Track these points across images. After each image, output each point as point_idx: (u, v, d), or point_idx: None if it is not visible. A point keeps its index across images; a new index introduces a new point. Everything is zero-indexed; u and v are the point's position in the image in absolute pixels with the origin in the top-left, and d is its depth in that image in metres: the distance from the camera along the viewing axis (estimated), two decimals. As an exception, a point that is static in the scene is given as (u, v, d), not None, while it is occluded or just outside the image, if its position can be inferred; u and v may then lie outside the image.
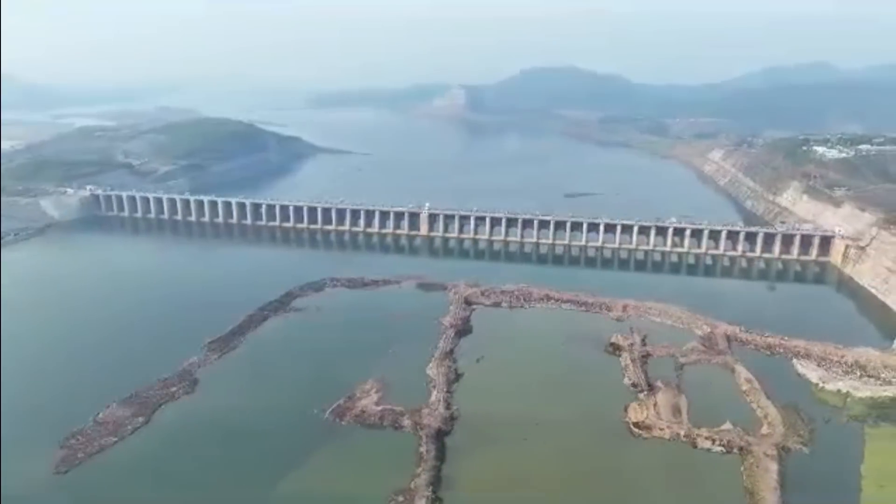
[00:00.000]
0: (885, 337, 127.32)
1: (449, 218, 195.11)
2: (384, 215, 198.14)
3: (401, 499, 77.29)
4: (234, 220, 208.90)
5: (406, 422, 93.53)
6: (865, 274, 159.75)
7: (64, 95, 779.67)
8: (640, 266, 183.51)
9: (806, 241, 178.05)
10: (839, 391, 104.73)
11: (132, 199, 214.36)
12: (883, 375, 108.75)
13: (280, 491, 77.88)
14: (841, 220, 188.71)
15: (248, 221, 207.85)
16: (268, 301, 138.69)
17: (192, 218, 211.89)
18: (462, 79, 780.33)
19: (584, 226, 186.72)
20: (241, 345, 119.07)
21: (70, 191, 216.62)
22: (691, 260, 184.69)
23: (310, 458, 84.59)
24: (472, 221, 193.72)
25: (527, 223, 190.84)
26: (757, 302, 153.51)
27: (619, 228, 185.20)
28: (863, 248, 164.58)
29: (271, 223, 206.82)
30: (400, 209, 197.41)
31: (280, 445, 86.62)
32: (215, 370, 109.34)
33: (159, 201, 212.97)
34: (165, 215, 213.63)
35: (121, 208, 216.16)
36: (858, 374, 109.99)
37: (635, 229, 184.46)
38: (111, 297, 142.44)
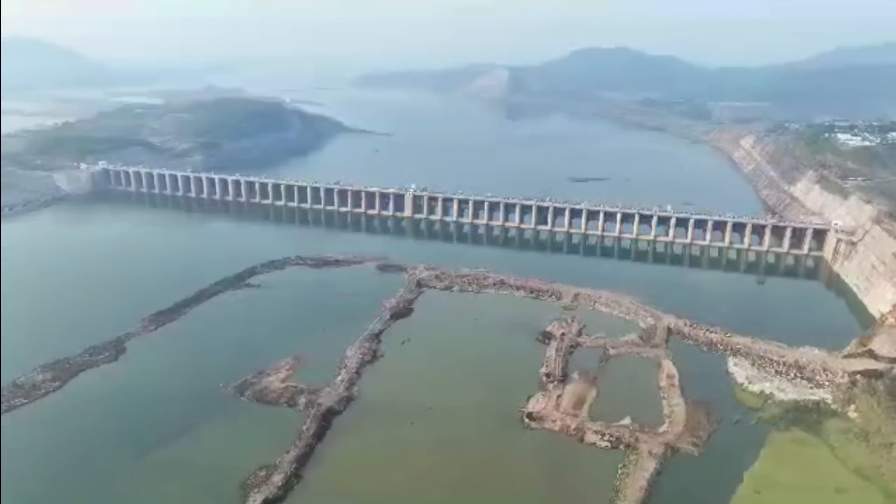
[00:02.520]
0: (845, 339, 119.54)
1: (433, 200, 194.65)
2: (370, 196, 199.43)
3: (262, 473, 79.20)
4: (230, 196, 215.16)
5: (302, 400, 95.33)
6: (852, 271, 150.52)
7: (127, 73, 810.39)
8: (624, 255, 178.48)
9: (798, 233, 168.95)
10: (762, 392, 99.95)
11: (138, 174, 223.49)
12: (817, 378, 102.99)
13: (150, 459, 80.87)
14: (845, 213, 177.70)
15: (243, 198, 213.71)
16: (227, 276, 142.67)
17: (192, 194, 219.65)
18: (512, 59, 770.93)
19: (567, 211, 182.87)
20: (180, 318, 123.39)
21: (84, 166, 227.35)
22: (678, 250, 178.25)
23: (193, 429, 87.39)
24: (455, 204, 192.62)
25: (509, 207, 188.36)
26: (731, 295, 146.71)
27: (601, 215, 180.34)
28: (853, 244, 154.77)
29: (264, 201, 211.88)
30: (385, 190, 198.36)
31: (172, 416, 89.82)
32: (146, 341, 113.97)
33: (162, 177, 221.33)
34: (168, 191, 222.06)
35: (128, 183, 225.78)
36: (792, 375, 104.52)
37: (618, 216, 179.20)
38: (80, 268, 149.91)
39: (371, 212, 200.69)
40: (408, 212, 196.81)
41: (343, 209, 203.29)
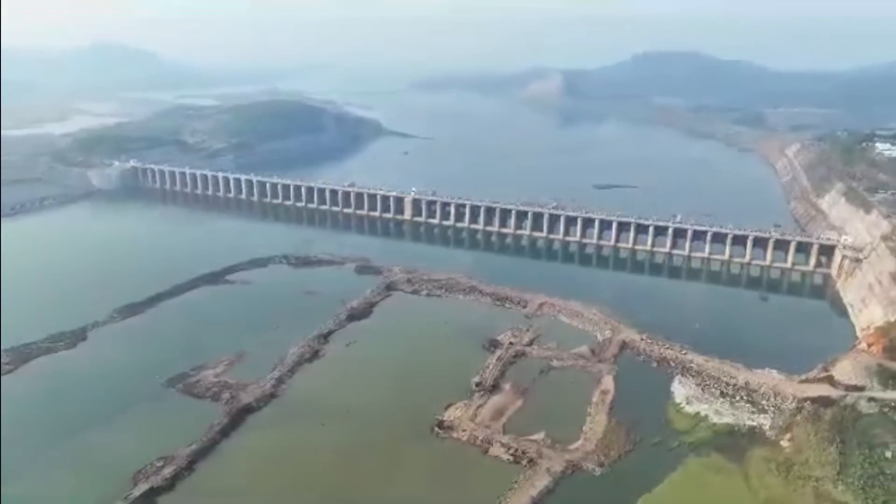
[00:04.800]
0: (819, 362, 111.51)
1: (432, 204, 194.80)
2: (371, 198, 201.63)
3: (159, 463, 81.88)
4: (244, 195, 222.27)
5: (225, 395, 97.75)
6: (852, 290, 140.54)
7: (201, 76, 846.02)
8: (620, 265, 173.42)
9: (804, 248, 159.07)
10: (697, 414, 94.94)
11: (163, 172, 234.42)
12: (763, 403, 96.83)
13: (61, 446, 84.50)
14: (864, 228, 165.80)
15: (255, 198, 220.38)
16: (208, 272, 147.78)
17: (210, 192, 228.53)
18: (574, 62, 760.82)
19: (562, 219, 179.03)
20: (148, 311, 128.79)
21: (116, 163, 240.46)
22: (678, 262, 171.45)
23: (114, 419, 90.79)
24: (454, 208, 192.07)
25: (505, 213, 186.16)
26: (714, 311, 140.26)
27: (596, 223, 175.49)
28: (858, 261, 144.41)
29: (275, 200, 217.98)
30: (386, 193, 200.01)
31: (99, 405, 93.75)
32: (108, 331, 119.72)
33: (184, 175, 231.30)
34: (189, 189, 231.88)
35: (154, 181, 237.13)
36: (738, 398, 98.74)
37: (614, 225, 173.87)
38: (78, 260, 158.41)
39: (373, 214, 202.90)
40: (407, 215, 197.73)
41: (347, 210, 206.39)
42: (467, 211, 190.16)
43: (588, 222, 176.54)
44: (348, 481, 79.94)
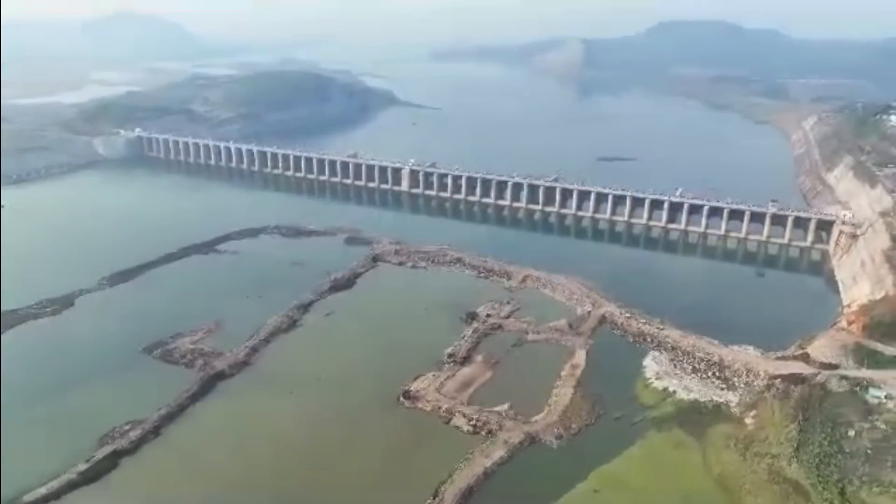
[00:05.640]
0: (797, 340, 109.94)
1: (429, 175, 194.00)
2: (370, 169, 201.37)
3: (127, 427, 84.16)
4: (245, 165, 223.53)
5: (199, 362, 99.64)
6: (846, 267, 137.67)
7: (220, 46, 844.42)
8: (615, 238, 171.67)
9: (802, 223, 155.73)
10: (665, 389, 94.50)
11: (167, 142, 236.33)
12: (734, 380, 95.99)
13: (36, 408, 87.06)
14: (867, 204, 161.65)
15: (256, 167, 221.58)
16: (200, 242, 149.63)
17: (212, 162, 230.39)
18: (595, 31, 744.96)
19: (558, 191, 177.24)
20: (136, 278, 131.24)
21: (122, 132, 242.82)
22: (674, 236, 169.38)
23: (90, 382, 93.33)
24: (451, 180, 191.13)
25: (501, 185, 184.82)
26: (704, 286, 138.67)
27: (592, 196, 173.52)
28: (854, 237, 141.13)
29: (275, 170, 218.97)
30: (383, 164, 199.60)
31: (77, 369, 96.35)
32: (96, 298, 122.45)
33: (186, 145, 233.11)
34: (191, 158, 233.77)
35: (158, 150, 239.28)
36: (710, 374, 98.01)
37: (609, 198, 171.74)
38: (74, 226, 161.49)
39: (371, 185, 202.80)
40: (405, 186, 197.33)
41: (346, 181, 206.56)
42: (464, 183, 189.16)
43: (584, 195, 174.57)
44: (307, 449, 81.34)
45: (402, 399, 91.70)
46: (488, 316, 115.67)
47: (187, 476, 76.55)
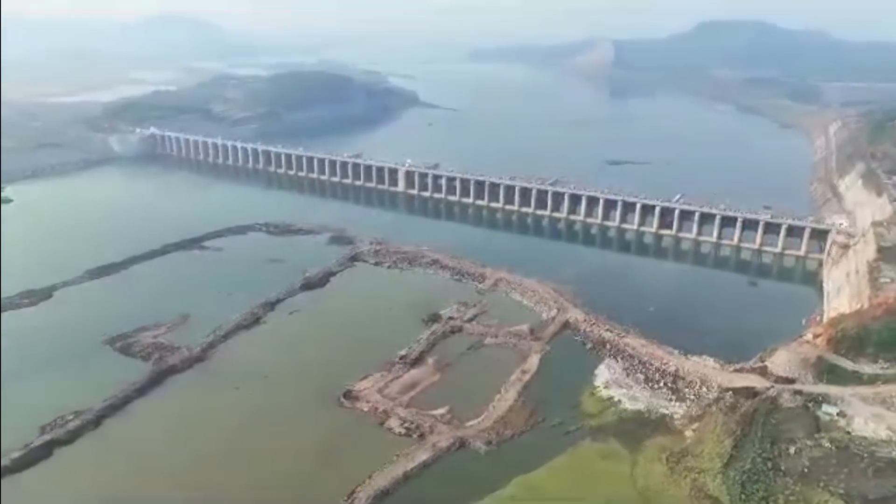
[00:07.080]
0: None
1: (424, 176, 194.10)
2: (367, 169, 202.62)
3: (70, 416, 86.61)
4: (250, 164, 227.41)
5: (155, 356, 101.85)
6: (834, 278, 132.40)
7: (256, 46, 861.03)
8: (606, 244, 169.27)
9: (796, 232, 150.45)
10: (610, 398, 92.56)
11: (178, 140, 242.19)
12: (686, 391, 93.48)
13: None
14: (870, 214, 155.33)
15: (261, 166, 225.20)
16: (187, 238, 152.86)
17: (220, 160, 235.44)
18: (631, 33, 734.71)
19: (549, 194, 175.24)
20: (117, 273, 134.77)
21: (138, 130, 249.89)
22: (667, 242, 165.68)
23: (45, 372, 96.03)
24: (445, 181, 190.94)
25: (493, 187, 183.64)
26: (681, 294, 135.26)
27: (583, 200, 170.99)
28: (846, 247, 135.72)
29: (279, 170, 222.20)
30: (380, 164, 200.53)
31: (36, 359, 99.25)
32: (74, 291, 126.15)
33: (197, 143, 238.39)
34: (201, 156, 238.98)
35: (171, 148, 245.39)
36: (662, 385, 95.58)
37: (601, 202, 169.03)
38: (73, 221, 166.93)
39: (369, 185, 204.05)
40: (401, 187, 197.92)
41: (346, 181, 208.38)
42: (458, 184, 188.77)
43: (576, 199, 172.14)
44: (235, 446, 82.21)
45: (342, 399, 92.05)
46: (450, 318, 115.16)
47: (113, 468, 78.30)
